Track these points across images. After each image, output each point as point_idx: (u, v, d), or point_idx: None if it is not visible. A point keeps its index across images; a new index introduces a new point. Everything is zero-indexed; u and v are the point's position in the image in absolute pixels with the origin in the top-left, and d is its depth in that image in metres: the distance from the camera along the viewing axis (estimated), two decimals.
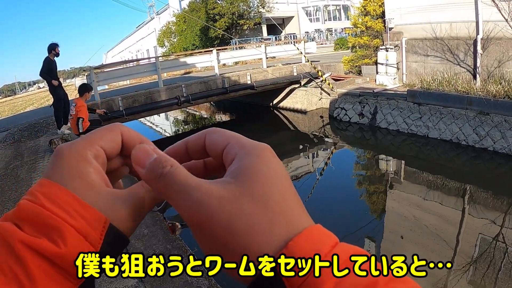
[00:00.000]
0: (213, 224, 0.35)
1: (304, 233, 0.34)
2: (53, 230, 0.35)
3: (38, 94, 50.39)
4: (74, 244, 0.35)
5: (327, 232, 0.35)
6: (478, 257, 5.83)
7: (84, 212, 0.37)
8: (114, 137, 0.44)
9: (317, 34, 43.05)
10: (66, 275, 0.35)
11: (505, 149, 9.04)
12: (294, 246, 0.33)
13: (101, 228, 0.37)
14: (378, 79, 14.68)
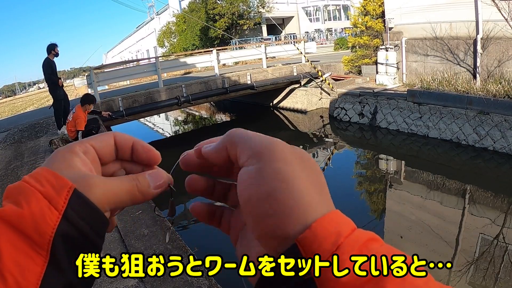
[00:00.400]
0: (283, 164, 0.37)
1: (327, 215, 0.35)
2: (21, 195, 0.36)
3: (38, 95, 50.41)
4: (36, 206, 0.36)
5: (346, 218, 0.36)
6: (479, 256, 5.83)
7: (53, 180, 0.38)
8: (106, 138, 0.46)
9: (317, 34, 43.08)
10: (32, 244, 0.35)
11: (505, 148, 9.03)
12: (317, 226, 0.34)
13: (66, 193, 0.37)
14: (378, 79, 14.67)
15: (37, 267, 0.35)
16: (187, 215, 8.57)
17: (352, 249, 0.32)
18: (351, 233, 0.34)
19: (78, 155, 0.42)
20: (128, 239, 4.31)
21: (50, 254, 0.35)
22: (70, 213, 0.37)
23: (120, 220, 4.97)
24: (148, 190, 0.44)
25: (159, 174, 0.47)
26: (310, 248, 0.33)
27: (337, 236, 0.33)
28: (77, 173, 0.40)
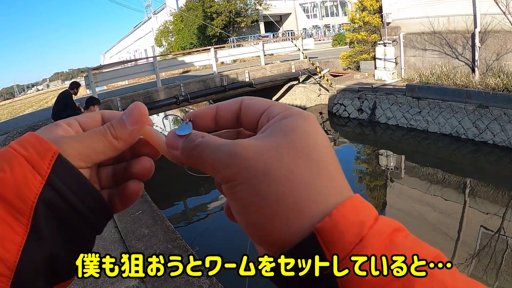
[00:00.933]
0: (249, 174, 0.33)
1: (348, 201, 0.32)
2: (5, 160, 0.35)
3: (37, 97, 50.36)
4: (19, 170, 0.34)
5: (367, 203, 0.34)
6: (480, 250, 5.84)
7: (37, 144, 0.36)
8: (92, 114, 0.45)
9: (315, 31, 43.10)
10: (12, 211, 0.33)
11: (505, 142, 9.03)
12: (338, 214, 0.31)
13: (50, 158, 0.35)
14: (377, 74, 14.67)
15: (17, 236, 0.33)
16: (187, 214, 8.58)
17: (377, 242, 0.30)
18: (375, 222, 0.31)
19: (61, 126, 0.41)
20: (128, 239, 4.31)
21: (32, 222, 0.33)
22: (54, 179, 0.35)
23: (120, 221, 4.97)
24: (124, 130, 0.41)
25: (135, 107, 0.42)
26: (330, 239, 0.30)
27: (361, 226, 0.31)
28: (52, 135, 0.38)
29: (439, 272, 0.29)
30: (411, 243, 0.31)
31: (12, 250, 0.33)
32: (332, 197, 0.33)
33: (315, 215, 0.32)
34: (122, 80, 17.33)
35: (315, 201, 0.32)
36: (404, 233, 0.32)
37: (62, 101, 8.65)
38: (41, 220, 0.34)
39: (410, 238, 0.32)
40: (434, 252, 0.31)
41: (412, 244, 0.31)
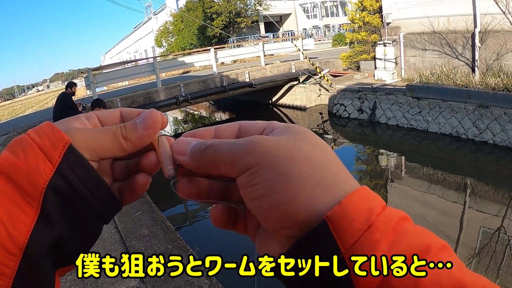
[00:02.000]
0: (272, 158, 0.35)
1: (356, 191, 0.34)
2: (20, 146, 0.37)
3: (38, 97, 50.42)
4: (32, 157, 0.36)
5: (375, 194, 0.35)
6: (480, 250, 5.84)
7: (51, 134, 0.37)
8: (111, 110, 0.46)
9: (315, 31, 43.12)
10: (24, 195, 0.35)
11: (505, 141, 9.03)
12: (347, 203, 0.32)
13: (61, 147, 0.37)
14: (377, 74, 14.67)
15: (27, 218, 0.35)
16: (187, 214, 8.58)
17: (386, 228, 0.31)
18: (383, 210, 0.33)
19: (80, 119, 0.43)
20: (128, 240, 4.32)
21: (42, 206, 0.35)
22: (64, 168, 0.37)
23: (120, 221, 4.97)
24: (135, 133, 0.42)
25: (150, 114, 0.43)
26: (340, 226, 0.31)
27: (369, 213, 0.32)
28: (66, 127, 0.40)
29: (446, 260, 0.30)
30: (419, 230, 0.33)
31: (22, 231, 0.34)
32: (344, 188, 0.34)
33: (336, 193, 0.34)
34: (122, 80, 17.34)
35: (335, 181, 0.35)
36: (411, 222, 0.34)
37: (62, 102, 8.64)
38: (50, 205, 0.36)
39: (418, 227, 0.33)
40: (441, 242, 0.32)
41: (420, 231, 0.32)
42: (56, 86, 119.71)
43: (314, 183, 0.34)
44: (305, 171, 0.34)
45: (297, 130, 0.39)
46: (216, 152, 0.38)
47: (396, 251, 0.30)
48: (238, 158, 0.36)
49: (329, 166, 0.36)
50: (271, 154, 0.35)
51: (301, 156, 0.35)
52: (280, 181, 0.34)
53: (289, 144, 0.36)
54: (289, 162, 0.35)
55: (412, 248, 0.31)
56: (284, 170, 0.34)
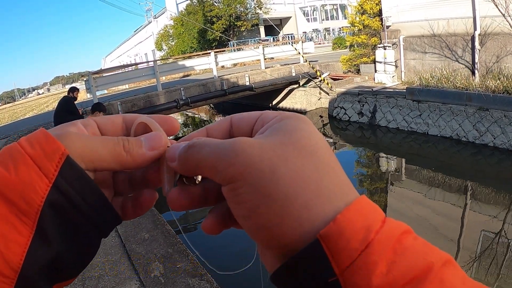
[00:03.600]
0: (255, 174, 0.32)
1: (353, 204, 0.31)
2: (11, 158, 0.34)
3: (38, 100, 50.44)
4: (25, 171, 0.33)
5: (374, 205, 0.32)
6: (481, 253, 5.82)
7: (45, 143, 0.34)
8: (112, 116, 0.43)
9: (315, 34, 43.17)
10: (17, 213, 0.32)
11: (506, 144, 9.03)
12: (343, 219, 0.30)
13: (57, 160, 0.34)
14: (377, 78, 14.68)
15: (22, 238, 0.32)
16: (187, 218, 8.56)
17: (385, 248, 0.29)
18: (382, 226, 0.30)
19: (76, 125, 0.40)
20: (128, 244, 4.31)
21: (37, 224, 0.33)
22: (61, 182, 0.34)
23: (120, 225, 4.95)
24: (138, 150, 0.39)
25: (157, 135, 0.41)
26: (335, 245, 0.29)
27: (367, 231, 0.29)
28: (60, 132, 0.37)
29: (449, 278, 0.28)
30: (421, 245, 0.30)
31: (17, 252, 0.32)
32: (339, 196, 0.32)
33: (327, 212, 0.31)
34: (122, 84, 17.36)
35: (326, 198, 0.32)
36: (413, 235, 0.31)
37: (64, 106, 8.63)
38: (47, 222, 0.33)
39: (419, 240, 0.31)
40: (444, 256, 0.30)
41: (422, 247, 0.30)
42: (56, 89, 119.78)
43: (302, 203, 0.31)
44: (292, 190, 0.31)
45: (288, 128, 0.35)
46: (198, 153, 0.35)
47: (396, 272, 0.28)
48: (220, 166, 0.33)
49: (322, 177, 0.33)
50: (254, 168, 0.32)
51: (286, 172, 0.32)
52: (264, 203, 0.31)
53: (276, 154, 0.33)
54: (274, 179, 0.31)
55: (413, 268, 0.28)
56: (268, 191, 0.31)
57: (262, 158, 0.32)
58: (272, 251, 0.34)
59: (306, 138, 0.34)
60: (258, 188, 0.32)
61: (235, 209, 0.34)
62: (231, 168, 0.32)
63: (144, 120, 0.42)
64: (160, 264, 3.71)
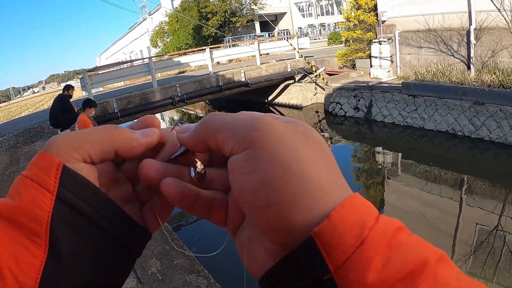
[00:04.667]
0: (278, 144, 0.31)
1: (346, 201, 0.30)
2: (15, 188, 0.33)
3: (33, 99, 50.21)
4: (26, 192, 0.32)
5: (367, 202, 0.31)
6: (477, 247, 5.85)
7: (40, 160, 0.34)
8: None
9: (310, 29, 43.16)
10: (28, 235, 0.32)
11: (501, 138, 9.06)
12: (337, 216, 0.29)
13: (54, 171, 0.33)
14: (373, 72, 14.69)
15: (36, 260, 0.31)
16: (185, 215, 8.56)
17: (380, 244, 0.28)
18: (376, 222, 0.29)
19: None
20: None
21: (49, 242, 0.32)
22: (64, 193, 0.33)
23: None
24: (131, 134, 0.39)
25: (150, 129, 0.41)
26: (330, 242, 0.28)
27: (361, 227, 0.29)
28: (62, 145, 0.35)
29: (444, 274, 0.28)
30: (415, 242, 0.30)
31: (31, 274, 0.31)
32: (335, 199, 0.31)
33: (312, 221, 0.30)
34: (118, 81, 17.30)
35: (338, 187, 0.32)
36: (407, 231, 0.31)
37: (59, 104, 8.60)
38: (59, 237, 0.32)
39: (414, 236, 0.30)
40: (438, 253, 0.29)
41: (416, 243, 0.30)
42: (51, 87, 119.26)
43: (316, 186, 0.30)
44: (310, 170, 0.31)
45: (300, 122, 0.35)
46: (221, 118, 0.35)
47: (391, 268, 0.27)
48: (242, 130, 0.32)
49: (331, 171, 0.33)
50: (278, 138, 0.31)
51: (307, 153, 0.32)
52: (282, 176, 0.30)
53: (297, 136, 0.33)
54: (295, 155, 0.31)
55: (408, 263, 0.28)
56: (288, 164, 0.31)
57: (286, 134, 0.32)
58: (271, 236, 0.32)
59: (318, 135, 0.35)
60: (278, 159, 0.31)
61: (245, 180, 0.32)
62: (255, 132, 0.32)
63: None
64: (157, 261, 3.71)
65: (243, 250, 0.36)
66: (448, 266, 0.29)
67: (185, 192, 0.38)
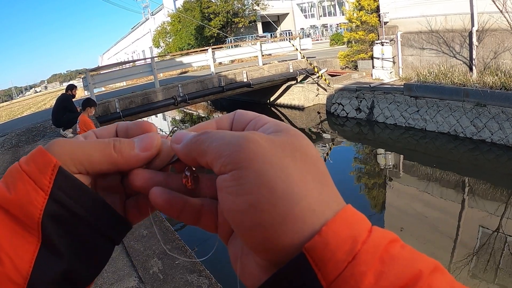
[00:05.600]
0: (264, 164, 0.31)
1: (338, 215, 0.30)
2: (10, 176, 0.35)
3: (35, 98, 50.31)
4: (22, 188, 0.34)
5: (359, 214, 0.31)
6: (479, 248, 5.84)
7: (39, 158, 0.36)
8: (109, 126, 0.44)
9: (312, 30, 43.15)
10: (24, 225, 0.34)
11: (503, 140, 9.05)
12: (328, 231, 0.29)
13: (50, 172, 0.35)
14: (375, 74, 14.68)
15: (30, 246, 0.34)
16: None
17: (372, 258, 0.28)
18: (369, 236, 0.29)
19: (78, 138, 0.40)
20: (127, 240, 4.30)
21: (42, 235, 0.34)
22: (57, 192, 0.35)
23: None
24: (130, 152, 0.39)
25: (150, 136, 0.41)
26: (322, 258, 0.28)
27: (353, 242, 0.28)
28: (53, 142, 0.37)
29: (438, 283, 0.28)
30: (408, 254, 0.29)
31: (26, 259, 0.33)
32: (326, 213, 0.30)
33: (304, 237, 0.29)
34: (120, 81, 17.33)
35: (329, 203, 0.31)
36: (400, 243, 0.30)
37: (62, 104, 8.61)
38: (51, 234, 0.34)
39: (407, 248, 0.30)
40: (432, 263, 0.29)
41: (409, 255, 0.29)
42: (54, 87, 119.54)
43: (305, 206, 0.30)
44: (299, 190, 0.30)
45: (290, 132, 0.34)
46: (207, 140, 0.34)
47: (384, 282, 0.27)
48: (228, 150, 0.32)
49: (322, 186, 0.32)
50: (264, 158, 0.31)
51: (295, 170, 0.31)
52: (269, 198, 0.30)
53: (285, 153, 0.32)
54: (283, 175, 0.30)
55: (401, 277, 0.27)
56: (275, 185, 0.30)
57: (273, 152, 0.32)
58: (259, 255, 0.32)
59: (308, 147, 0.34)
60: (264, 180, 0.30)
61: (231, 201, 0.31)
62: (241, 152, 0.31)
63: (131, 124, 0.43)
64: (159, 261, 3.71)
65: (236, 262, 0.36)
66: (442, 276, 0.29)
67: (171, 201, 0.38)
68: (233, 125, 0.39)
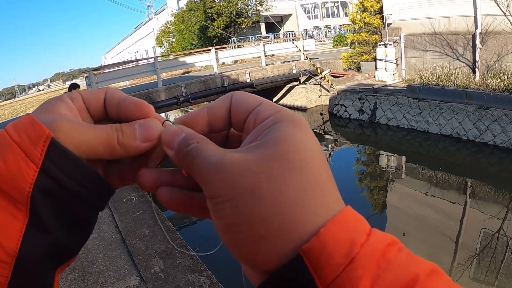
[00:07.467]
0: (235, 192, 0.31)
1: (337, 217, 0.30)
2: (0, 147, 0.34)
3: (38, 97, 50.39)
4: (12, 159, 0.33)
5: (359, 216, 0.31)
6: (480, 251, 5.83)
7: (31, 129, 0.34)
8: (96, 90, 0.42)
9: (315, 31, 43.12)
10: (11, 199, 0.32)
11: (506, 143, 9.03)
12: (326, 233, 0.29)
13: (42, 144, 0.33)
14: (378, 75, 14.67)
15: (17, 223, 0.32)
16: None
17: (370, 262, 0.28)
18: (367, 239, 0.29)
19: (65, 101, 0.39)
20: (129, 239, 4.32)
21: (30, 210, 0.33)
22: (49, 166, 0.33)
23: (120, 221, 4.97)
24: (132, 143, 0.38)
25: (151, 124, 0.40)
26: (318, 261, 0.28)
27: (351, 245, 0.28)
28: (50, 117, 0.36)
29: (435, 286, 0.28)
30: (405, 257, 0.29)
31: (13, 237, 0.32)
32: (324, 215, 0.30)
33: (305, 236, 0.29)
34: (123, 80, 17.34)
35: (305, 222, 0.30)
36: (398, 246, 0.30)
37: None
38: (40, 208, 0.33)
39: (404, 252, 0.30)
40: (429, 266, 0.29)
41: (406, 259, 0.29)
42: (56, 85, 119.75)
43: (280, 225, 0.30)
44: (270, 211, 0.30)
45: (278, 137, 0.33)
46: (192, 162, 0.34)
47: (381, 287, 0.27)
48: (204, 181, 0.33)
49: (307, 194, 0.31)
50: (233, 186, 0.31)
51: (267, 191, 0.31)
52: (240, 223, 0.31)
53: (259, 171, 0.31)
54: (253, 199, 0.30)
55: (398, 281, 0.27)
56: (245, 210, 0.30)
57: (244, 176, 0.31)
58: (248, 267, 0.33)
59: (296, 149, 0.33)
60: (237, 207, 0.31)
61: (215, 222, 0.33)
62: (212, 184, 0.32)
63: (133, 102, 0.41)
64: (160, 260, 3.72)
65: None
66: (439, 279, 0.29)
67: (178, 199, 0.39)
68: (232, 115, 0.39)
